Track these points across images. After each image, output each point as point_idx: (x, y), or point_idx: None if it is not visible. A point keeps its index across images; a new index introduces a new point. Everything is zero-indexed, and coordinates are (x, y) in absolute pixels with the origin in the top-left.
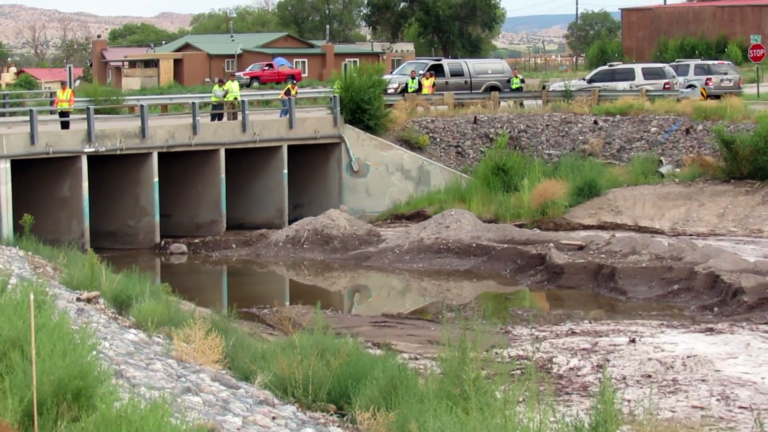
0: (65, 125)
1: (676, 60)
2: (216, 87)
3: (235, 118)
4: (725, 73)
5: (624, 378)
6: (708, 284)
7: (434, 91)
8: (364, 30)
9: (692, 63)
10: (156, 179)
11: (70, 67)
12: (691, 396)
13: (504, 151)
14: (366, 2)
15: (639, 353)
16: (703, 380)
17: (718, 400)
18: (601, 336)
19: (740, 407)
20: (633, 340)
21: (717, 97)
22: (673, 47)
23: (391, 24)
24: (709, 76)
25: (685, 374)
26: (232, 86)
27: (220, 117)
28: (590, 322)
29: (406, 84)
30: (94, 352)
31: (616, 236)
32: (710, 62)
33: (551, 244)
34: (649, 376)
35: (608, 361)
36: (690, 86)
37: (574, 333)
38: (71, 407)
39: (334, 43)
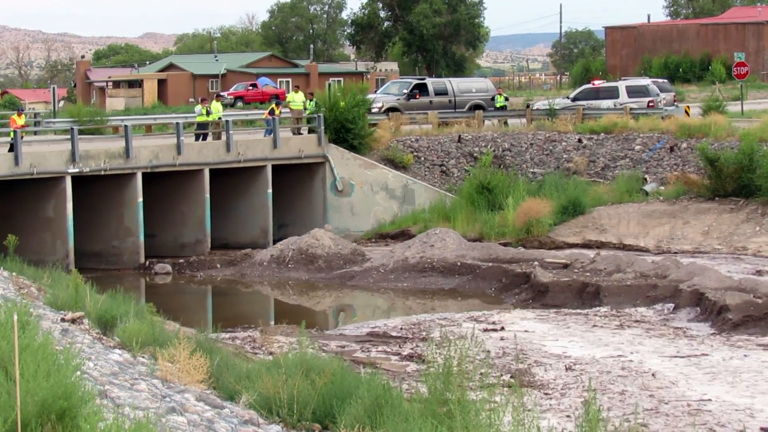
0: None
1: (621, 79)
2: (198, 106)
3: (219, 137)
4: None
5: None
6: (693, 302)
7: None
8: (348, 49)
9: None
10: (140, 199)
11: (54, 88)
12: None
13: (488, 169)
14: (350, 22)
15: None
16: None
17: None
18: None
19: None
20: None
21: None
22: (657, 65)
23: (375, 43)
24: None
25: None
26: (217, 106)
27: (204, 137)
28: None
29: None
30: (79, 373)
31: (600, 254)
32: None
33: (536, 263)
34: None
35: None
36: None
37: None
38: (55, 428)
39: (318, 62)
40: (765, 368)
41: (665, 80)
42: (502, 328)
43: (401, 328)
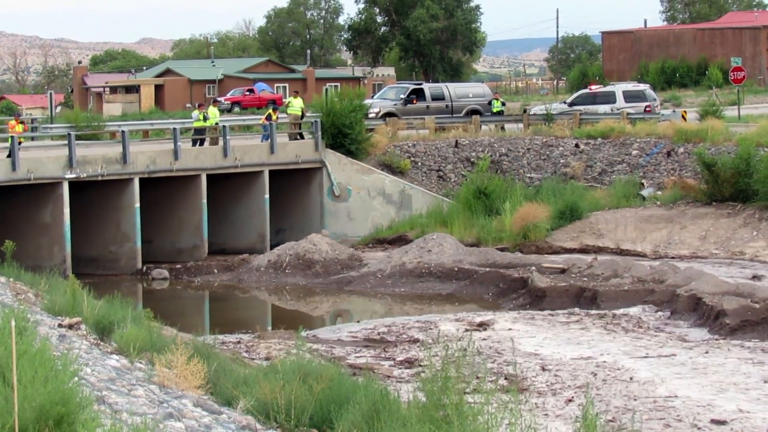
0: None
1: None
2: (195, 111)
3: (216, 143)
4: (654, 99)
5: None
6: (690, 307)
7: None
8: (345, 54)
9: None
10: (137, 205)
11: (51, 93)
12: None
13: (485, 174)
14: (347, 27)
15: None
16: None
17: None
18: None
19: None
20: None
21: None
22: (654, 70)
23: (371, 48)
24: None
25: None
26: (214, 112)
27: (201, 142)
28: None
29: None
30: (76, 378)
31: (598, 259)
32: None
33: (533, 268)
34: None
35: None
36: None
37: None
38: None
39: (314, 67)
40: (732, 367)
41: (648, 86)
42: (484, 329)
43: (379, 331)
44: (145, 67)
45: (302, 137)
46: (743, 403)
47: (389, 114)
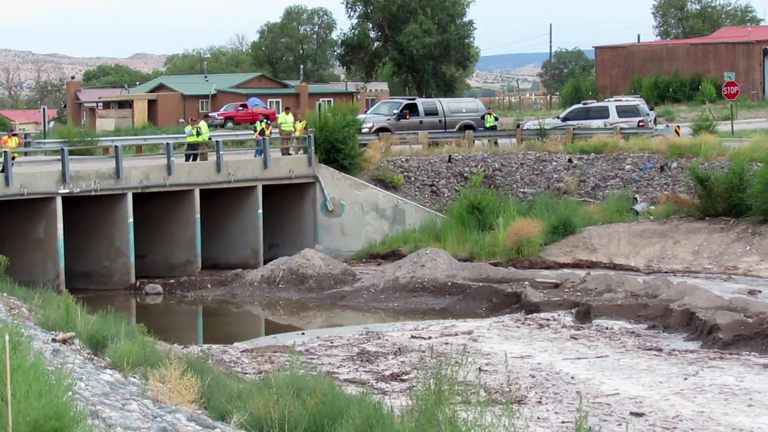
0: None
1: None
2: (188, 126)
3: (205, 158)
4: (647, 114)
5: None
6: (683, 321)
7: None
8: (338, 70)
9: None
10: (131, 220)
11: (44, 109)
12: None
13: (479, 189)
14: (340, 42)
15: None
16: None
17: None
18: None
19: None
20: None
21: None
22: (647, 85)
23: (365, 63)
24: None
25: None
26: (204, 126)
27: (194, 157)
28: None
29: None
30: (70, 393)
31: (591, 274)
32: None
33: (526, 282)
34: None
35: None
36: None
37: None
38: None
39: (308, 82)
40: (667, 368)
41: (640, 102)
42: (428, 339)
43: (314, 344)
44: (138, 83)
45: (289, 153)
46: (670, 397)
47: (382, 129)
